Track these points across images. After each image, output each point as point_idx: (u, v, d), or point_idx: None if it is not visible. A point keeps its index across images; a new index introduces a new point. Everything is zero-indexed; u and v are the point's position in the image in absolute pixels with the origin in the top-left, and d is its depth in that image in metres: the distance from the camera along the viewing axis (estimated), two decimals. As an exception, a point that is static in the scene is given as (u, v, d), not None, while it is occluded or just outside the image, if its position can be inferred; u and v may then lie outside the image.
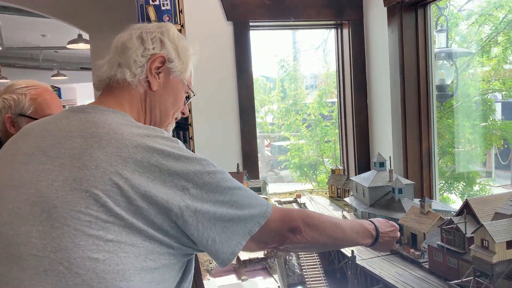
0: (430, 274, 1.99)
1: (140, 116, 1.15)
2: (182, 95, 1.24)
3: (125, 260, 0.87)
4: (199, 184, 0.95)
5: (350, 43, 3.61)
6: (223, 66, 3.42)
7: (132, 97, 1.13)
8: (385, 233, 1.36)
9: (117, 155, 0.92)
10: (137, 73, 1.12)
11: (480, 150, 4.71)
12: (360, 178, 2.77)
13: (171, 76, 1.18)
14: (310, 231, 1.12)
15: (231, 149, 3.50)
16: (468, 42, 4.68)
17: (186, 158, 0.96)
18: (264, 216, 1.03)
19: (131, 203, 0.88)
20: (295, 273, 2.40)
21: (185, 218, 0.92)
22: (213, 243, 0.96)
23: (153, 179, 0.91)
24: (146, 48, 1.14)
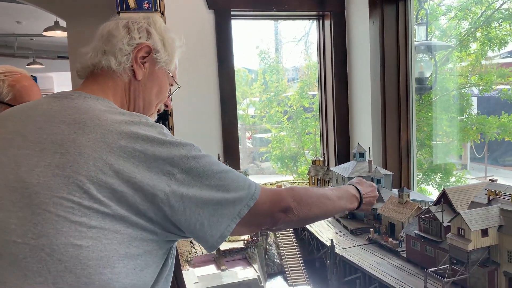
0: (407, 262, 2.02)
1: (123, 104, 1.14)
2: (166, 86, 1.24)
3: (109, 247, 0.86)
4: (185, 169, 0.94)
5: (332, 35, 3.61)
6: (204, 55, 3.38)
7: (116, 85, 1.12)
8: (366, 194, 1.40)
9: (101, 141, 0.90)
10: (122, 61, 1.11)
11: (457, 143, 4.82)
12: (339, 169, 2.79)
13: (156, 67, 1.18)
14: (300, 208, 1.12)
15: (212, 140, 3.47)
16: (447, 36, 4.76)
17: (170, 143, 0.95)
18: (253, 197, 1.02)
19: (115, 190, 0.87)
20: (274, 262, 2.40)
21: (172, 204, 0.91)
22: (202, 227, 0.95)
23: (138, 164, 0.90)
24: (132, 37, 1.13)
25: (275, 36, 7.76)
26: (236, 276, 1.95)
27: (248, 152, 8.43)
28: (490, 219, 1.64)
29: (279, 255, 2.44)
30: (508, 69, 4.54)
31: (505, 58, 4.78)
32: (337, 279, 2.16)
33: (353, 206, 1.36)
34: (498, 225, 1.64)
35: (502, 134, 4.27)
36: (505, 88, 4.41)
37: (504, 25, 4.36)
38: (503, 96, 4.42)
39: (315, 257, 2.46)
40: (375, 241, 2.26)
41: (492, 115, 4.48)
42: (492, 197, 1.73)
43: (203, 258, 2.11)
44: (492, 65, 4.66)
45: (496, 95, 4.69)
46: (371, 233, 2.29)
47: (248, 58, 8.55)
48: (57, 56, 10.04)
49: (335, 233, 2.41)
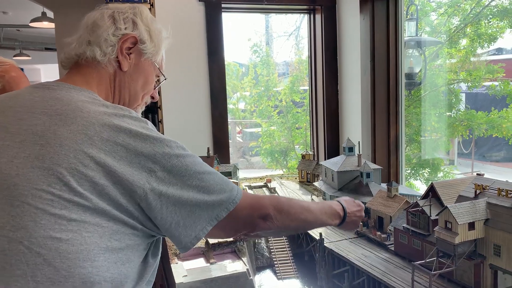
0: (395, 255, 2.04)
1: (108, 96, 1.13)
2: (152, 78, 1.22)
3: (89, 240, 0.85)
4: (167, 167, 0.93)
5: (323, 29, 3.60)
6: (194, 48, 3.35)
7: (101, 76, 1.10)
8: (351, 213, 1.38)
9: (82, 133, 0.89)
10: (107, 52, 1.09)
11: (445, 138, 4.86)
12: (329, 163, 2.79)
13: (143, 58, 1.16)
14: (281, 217, 1.11)
15: (202, 133, 3.45)
16: (437, 33, 4.79)
17: (154, 139, 0.93)
18: (233, 202, 1.01)
19: (96, 183, 0.86)
20: (264, 256, 2.40)
21: (149, 201, 0.90)
22: (177, 227, 0.94)
23: (119, 159, 0.89)
24: (117, 27, 1.11)
25: (266, 30, 7.74)
26: (225, 269, 1.95)
27: (238, 147, 8.43)
28: (477, 212, 1.66)
29: (268, 248, 2.44)
30: (496, 65, 4.59)
31: (493, 55, 4.84)
32: (325, 272, 2.17)
33: (335, 222, 1.34)
34: (485, 218, 1.66)
35: (490, 130, 4.33)
36: (493, 84, 4.46)
37: (493, 21, 4.40)
38: (491, 92, 4.47)
39: (304, 251, 2.46)
40: (364, 234, 2.27)
41: (480, 111, 4.53)
42: (479, 191, 1.75)
43: (192, 251, 2.11)
44: (480, 62, 4.70)
45: (484, 91, 4.74)
46: (360, 227, 2.30)
47: (238, 52, 8.51)
48: (44, 48, 9.87)
49: (324, 227, 2.42)
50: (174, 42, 3.59)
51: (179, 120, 3.35)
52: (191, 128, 3.41)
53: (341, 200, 1.40)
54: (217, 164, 3.06)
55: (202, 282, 1.85)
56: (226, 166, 3.20)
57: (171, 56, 3.31)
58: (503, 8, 4.37)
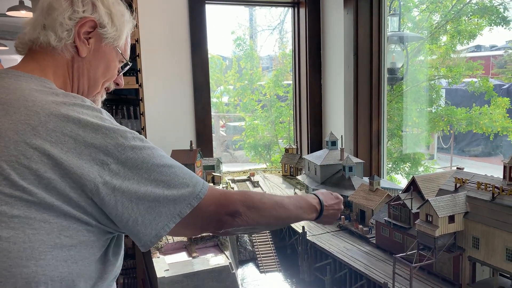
0: (376, 248, 2.06)
1: (66, 83, 1.06)
2: (115, 64, 1.15)
3: (34, 238, 0.80)
4: (121, 159, 0.87)
5: (307, 23, 3.60)
6: (177, 40, 3.30)
7: (57, 62, 1.04)
8: (329, 206, 1.34)
9: (25, 123, 0.83)
10: (63, 37, 1.02)
11: (426, 133, 4.94)
12: (312, 157, 2.80)
13: (103, 43, 1.09)
14: (250, 213, 1.06)
15: (185, 127, 3.41)
16: (419, 28, 4.84)
17: (107, 129, 0.88)
18: (197, 197, 0.96)
19: (41, 176, 0.81)
20: (246, 249, 2.40)
21: (102, 196, 0.85)
22: (135, 224, 0.89)
23: (67, 150, 0.83)
24: (75, 10, 1.03)
25: (250, 24, 7.70)
26: (207, 263, 1.93)
27: (222, 140, 8.39)
28: (456, 205, 1.69)
29: (251, 242, 2.44)
30: (476, 62, 4.68)
31: (472, 52, 4.93)
32: (308, 265, 2.18)
33: (311, 216, 1.29)
34: (464, 211, 1.69)
35: (469, 126, 4.41)
36: (473, 81, 4.54)
37: (473, 19, 4.47)
38: (470, 89, 4.55)
39: (287, 244, 2.47)
40: (346, 227, 2.29)
41: (459, 107, 4.61)
42: (459, 184, 1.78)
43: (174, 245, 2.09)
44: (460, 58, 4.78)
45: (464, 87, 4.83)
46: (342, 220, 2.32)
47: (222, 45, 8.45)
48: (22, 38, 9.59)
49: (306, 220, 2.43)
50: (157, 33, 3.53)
51: (161, 113, 3.31)
52: (174, 121, 3.37)
53: (317, 193, 1.35)
54: (200, 157, 3.03)
55: (184, 276, 1.83)
56: (209, 160, 3.18)
57: (154, 48, 3.26)
58: (483, 5, 4.45)
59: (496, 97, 4.31)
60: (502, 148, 4.56)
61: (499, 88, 4.58)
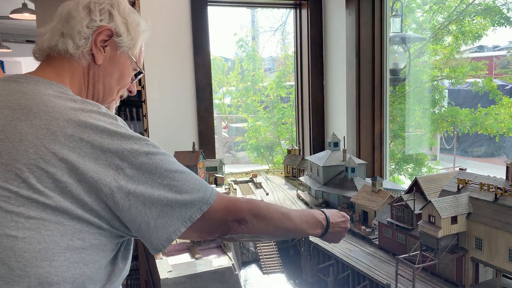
0: (379, 249, 2.06)
1: (82, 90, 1.09)
2: (129, 71, 1.18)
3: (48, 239, 0.82)
4: (135, 164, 0.89)
5: (309, 24, 3.60)
6: (179, 42, 3.31)
7: (74, 69, 1.07)
8: (335, 224, 1.32)
9: (45, 128, 0.85)
10: (80, 45, 1.05)
11: (429, 134, 4.93)
12: (314, 158, 2.80)
13: (118, 51, 1.12)
14: (256, 221, 1.08)
15: (187, 128, 3.42)
16: (422, 29, 4.83)
17: (122, 136, 0.90)
18: (207, 202, 0.98)
19: (58, 180, 0.83)
20: (249, 251, 2.40)
21: (116, 200, 0.87)
22: (147, 228, 0.91)
23: (84, 155, 0.85)
24: (92, 19, 1.06)
25: (252, 25, 7.71)
26: (210, 264, 1.94)
27: (224, 142, 8.40)
28: (459, 206, 1.69)
29: (253, 243, 2.44)
30: (480, 62, 4.67)
31: (475, 52, 4.91)
32: (311, 266, 2.18)
33: (316, 232, 1.28)
34: (467, 212, 1.68)
35: (474, 127, 4.40)
36: (476, 81, 4.53)
37: (477, 19, 4.46)
38: (474, 89, 4.54)
39: (289, 245, 2.47)
40: (349, 228, 2.28)
41: (463, 107, 4.60)
42: (461, 185, 1.78)
43: (177, 246, 2.09)
44: (464, 59, 4.77)
45: (467, 87, 4.82)
46: (345, 221, 2.31)
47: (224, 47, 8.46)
48: (26, 40, 9.64)
49: (310, 222, 2.43)
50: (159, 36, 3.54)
51: (164, 115, 3.32)
52: (176, 123, 3.38)
53: (325, 210, 1.34)
54: (202, 159, 3.04)
55: (187, 278, 1.83)
56: (211, 161, 3.18)
57: (157, 50, 3.27)
58: (487, 6, 4.44)
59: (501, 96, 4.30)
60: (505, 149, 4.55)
61: (502, 88, 4.57)
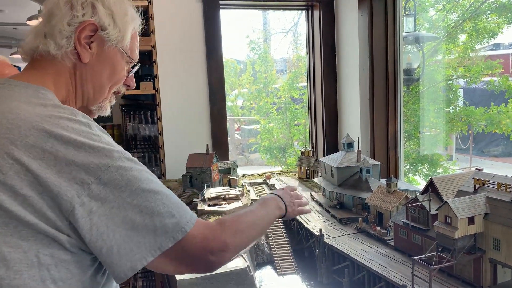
0: (395, 250, 2.05)
1: (70, 92, 1.02)
2: (121, 66, 1.10)
3: (10, 256, 0.76)
4: (103, 179, 0.81)
5: (321, 25, 3.60)
6: (192, 45, 3.34)
7: (58, 71, 1.00)
8: (289, 200, 1.40)
9: (4, 137, 0.80)
10: (62, 45, 0.98)
11: (444, 134, 4.88)
12: (328, 159, 2.79)
13: (106, 46, 1.04)
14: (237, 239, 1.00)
15: (201, 130, 3.45)
16: (435, 28, 4.79)
17: (91, 147, 0.82)
18: (182, 230, 0.87)
19: (17, 192, 0.78)
20: (264, 252, 2.41)
21: (77, 218, 0.79)
22: (109, 253, 0.81)
23: (46, 167, 0.79)
24: (74, 15, 0.98)
25: (263, 27, 7.73)
26: (225, 266, 1.94)
27: (237, 144, 8.43)
28: (476, 207, 1.67)
29: (268, 244, 2.45)
30: (495, 61, 4.60)
31: (491, 50, 4.84)
32: (326, 268, 2.17)
33: (280, 213, 1.34)
34: (484, 213, 1.66)
35: (489, 126, 4.33)
36: (492, 80, 4.47)
37: (492, 17, 4.40)
38: (489, 88, 4.48)
39: (304, 247, 2.47)
40: (363, 230, 2.27)
41: (478, 106, 4.54)
42: (478, 185, 1.76)
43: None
44: (478, 57, 4.71)
45: (482, 86, 4.75)
46: (360, 222, 2.30)
47: (236, 49, 8.50)
48: (42, 46, 9.81)
49: (324, 223, 2.42)
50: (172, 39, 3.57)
51: (178, 118, 3.35)
52: (190, 126, 3.41)
53: (276, 192, 1.42)
54: (216, 161, 3.06)
55: (203, 279, 1.85)
56: (225, 163, 3.20)
57: (170, 54, 3.31)
58: (501, 3, 4.37)
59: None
60: (523, 148, 4.47)
61: (519, 87, 4.50)
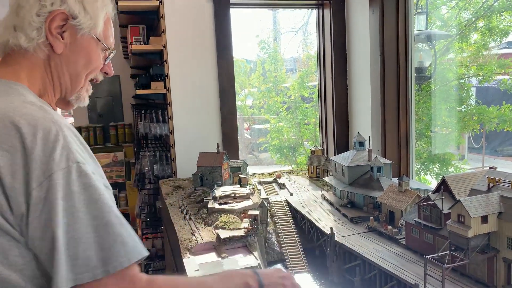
0: (407, 249, 2.04)
1: (46, 84, 1.01)
2: (96, 54, 1.07)
3: None
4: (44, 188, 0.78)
5: (331, 23, 3.59)
6: (203, 45, 3.36)
7: (31, 64, 0.98)
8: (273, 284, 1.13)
9: None
10: (33, 37, 0.95)
11: (456, 133, 4.83)
12: (339, 158, 2.79)
13: (79, 35, 1.01)
14: None
15: (211, 129, 3.46)
16: (448, 26, 4.74)
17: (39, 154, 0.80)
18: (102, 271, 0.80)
19: None
20: (274, 250, 2.41)
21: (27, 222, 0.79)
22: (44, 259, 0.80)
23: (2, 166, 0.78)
24: (42, 5, 0.96)
25: (273, 26, 7.73)
26: (236, 263, 1.96)
27: (246, 143, 8.44)
28: (490, 206, 1.65)
29: (279, 243, 2.45)
30: (508, 59, 4.54)
31: (504, 48, 4.78)
32: (337, 267, 2.17)
33: None
34: (498, 212, 1.64)
35: (501, 124, 4.28)
36: (505, 79, 4.41)
37: (505, 15, 4.35)
38: (502, 87, 4.42)
39: (315, 245, 2.47)
40: (375, 229, 2.27)
41: (491, 105, 4.49)
42: (492, 184, 1.74)
43: (204, 246, 2.12)
44: (491, 56, 4.65)
45: (495, 85, 4.69)
46: (371, 221, 2.30)
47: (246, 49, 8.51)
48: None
49: (335, 222, 2.42)
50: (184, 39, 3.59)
51: (188, 117, 3.37)
52: (201, 125, 3.43)
53: (259, 271, 1.17)
54: (226, 160, 3.07)
55: (214, 276, 1.86)
56: (235, 162, 3.21)
57: (181, 53, 3.33)
58: (515, 0, 4.32)
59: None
60: (537, 147, 4.40)
61: (532, 85, 4.43)
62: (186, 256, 2.03)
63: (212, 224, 2.27)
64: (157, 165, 3.45)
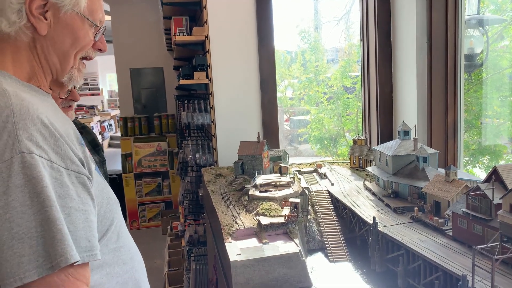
0: (453, 241, 1.97)
1: (35, 68, 0.98)
2: (84, 31, 1.02)
3: None
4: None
5: (376, 10, 3.49)
6: (244, 35, 3.38)
7: (16, 49, 0.95)
8: None
9: None
10: (14, 20, 0.92)
11: (509, 124, 4.57)
12: (383, 147, 2.73)
13: (61, 13, 0.97)
14: None
15: (252, 119, 3.49)
16: (502, 11, 4.47)
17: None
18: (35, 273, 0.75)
19: None
20: (315, 239, 2.41)
21: None
22: None
23: None
24: None
25: (314, 16, 7.63)
26: (277, 249, 1.97)
27: (286, 135, 8.43)
28: (546, 196, 1.56)
29: (319, 232, 2.44)
30: None
31: None
32: (379, 256, 2.14)
33: None
34: (555, 202, 1.56)
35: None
36: None
37: None
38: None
39: (356, 235, 2.44)
40: (419, 219, 2.21)
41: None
42: (548, 174, 1.64)
43: (245, 231, 2.16)
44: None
45: (554, 73, 4.39)
46: (415, 212, 2.24)
47: (286, 39, 8.46)
48: (103, 41, 10.32)
49: (378, 212, 2.38)
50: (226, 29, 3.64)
51: (230, 107, 3.41)
52: (242, 114, 3.46)
53: None
54: (267, 149, 3.08)
55: (256, 261, 1.89)
56: (276, 151, 3.22)
57: (223, 43, 3.37)
58: None
59: None
60: None
61: None
62: (228, 241, 2.08)
63: (253, 211, 2.30)
64: (199, 154, 3.52)
